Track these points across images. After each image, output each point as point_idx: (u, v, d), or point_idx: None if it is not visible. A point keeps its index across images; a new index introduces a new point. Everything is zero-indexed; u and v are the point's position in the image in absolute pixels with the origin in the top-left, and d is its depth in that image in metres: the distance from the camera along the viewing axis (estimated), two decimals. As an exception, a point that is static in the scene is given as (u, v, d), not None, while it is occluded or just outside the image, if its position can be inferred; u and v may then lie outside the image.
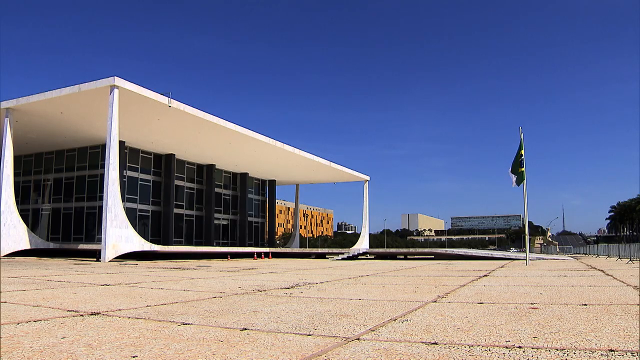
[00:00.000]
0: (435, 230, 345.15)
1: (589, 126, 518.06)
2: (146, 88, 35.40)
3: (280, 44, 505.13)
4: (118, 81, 33.42)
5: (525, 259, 29.28)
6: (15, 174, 41.03)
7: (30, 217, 51.73)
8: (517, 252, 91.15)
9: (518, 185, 26.66)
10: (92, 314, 7.09)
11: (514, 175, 27.00)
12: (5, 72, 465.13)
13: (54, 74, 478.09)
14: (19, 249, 38.57)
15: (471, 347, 4.68)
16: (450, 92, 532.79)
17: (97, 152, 47.90)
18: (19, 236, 38.75)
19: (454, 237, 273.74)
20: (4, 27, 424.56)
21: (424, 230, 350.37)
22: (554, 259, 42.85)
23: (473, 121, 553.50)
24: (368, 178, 71.72)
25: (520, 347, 4.68)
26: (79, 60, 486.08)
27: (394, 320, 6.49)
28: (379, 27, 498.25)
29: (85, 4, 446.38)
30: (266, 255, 49.95)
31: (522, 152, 26.76)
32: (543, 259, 42.13)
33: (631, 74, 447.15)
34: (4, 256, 36.75)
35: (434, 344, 4.87)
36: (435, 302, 8.85)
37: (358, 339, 5.20)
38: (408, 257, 51.54)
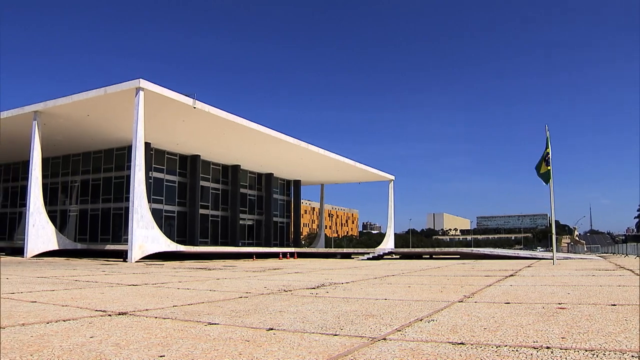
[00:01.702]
0: (460, 230, 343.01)
1: (616, 124, 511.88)
2: (171, 90, 35.59)
3: (301, 44, 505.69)
4: (143, 83, 33.63)
5: (552, 259, 28.98)
6: (44, 176, 41.47)
7: (58, 218, 52.25)
8: (544, 251, 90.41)
9: (546, 184, 26.39)
10: (119, 314, 7.14)
11: (541, 172, 26.74)
12: (32, 76, 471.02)
13: (77, 77, 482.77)
14: (48, 249, 38.99)
15: (498, 348, 4.65)
16: (476, 90, 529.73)
17: (123, 154, 48.24)
18: (47, 237, 39.17)
19: (479, 237, 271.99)
20: (31, 31, 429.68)
21: (450, 229, 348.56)
22: (581, 258, 42.42)
23: (499, 119, 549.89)
24: (393, 178, 71.48)
25: (548, 347, 4.64)
26: (101, 63, 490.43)
27: (420, 320, 6.46)
28: (398, 26, 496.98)
29: (106, 8, 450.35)
30: (291, 255, 49.96)
31: (549, 150, 26.48)
32: (570, 258, 41.72)
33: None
34: (33, 256, 37.19)
35: (460, 344, 4.85)
36: (461, 302, 8.80)
37: (384, 339, 5.19)
38: (433, 256, 51.26)
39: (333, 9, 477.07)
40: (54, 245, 39.53)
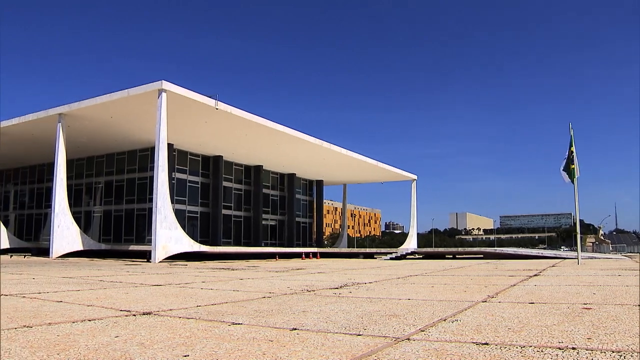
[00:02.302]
0: (483, 229, 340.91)
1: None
2: (193, 91, 35.74)
3: (320, 44, 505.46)
4: (166, 85, 33.81)
5: (577, 258, 28.73)
6: (68, 177, 41.85)
7: (82, 219, 52.72)
8: (568, 251, 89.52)
9: (572, 183, 26.14)
10: (144, 314, 7.19)
11: (565, 173, 26.52)
12: (55, 79, 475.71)
13: (96, 79, 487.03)
14: (72, 250, 39.36)
15: (523, 348, 4.62)
16: (497, 88, 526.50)
17: (146, 155, 48.55)
18: (72, 237, 39.55)
19: (503, 236, 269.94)
20: (52, 35, 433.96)
21: (473, 229, 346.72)
22: (606, 257, 42.03)
23: (521, 118, 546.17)
24: (415, 177, 71.23)
25: (574, 348, 4.60)
26: (120, 65, 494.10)
27: (444, 320, 6.44)
28: (423, 24, 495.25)
29: (126, 11, 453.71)
30: (314, 255, 49.97)
31: (573, 148, 26.25)
32: (595, 258, 41.32)
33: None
34: (58, 257, 37.54)
35: (485, 344, 4.82)
36: (485, 302, 8.76)
37: (408, 339, 5.18)
38: (456, 256, 51.04)
39: (359, 7, 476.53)
40: (78, 246, 39.90)
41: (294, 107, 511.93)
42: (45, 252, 41.52)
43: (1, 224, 47.77)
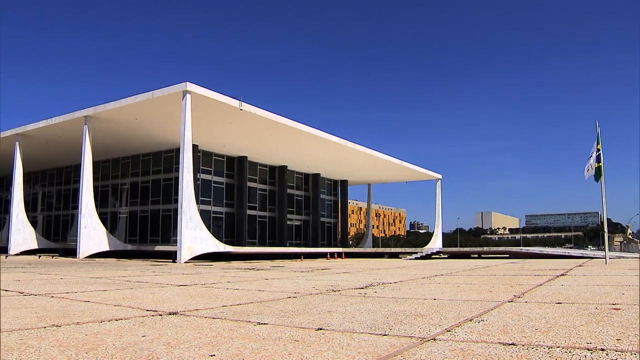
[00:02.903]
0: (509, 229, 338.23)
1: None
2: (217, 92, 35.87)
3: (344, 43, 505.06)
4: (190, 86, 33.98)
5: (605, 258, 28.41)
6: (94, 179, 42.21)
7: (108, 220, 53.17)
8: (596, 250, 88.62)
9: (597, 181, 25.87)
10: (170, 314, 7.24)
11: (587, 169, 26.28)
12: (80, 81, 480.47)
13: (119, 81, 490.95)
14: (99, 250, 39.73)
15: (550, 349, 4.58)
16: (522, 87, 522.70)
17: (171, 156, 48.82)
18: (98, 238, 39.92)
19: (528, 236, 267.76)
20: (77, 38, 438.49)
21: (498, 228, 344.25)
22: (635, 257, 41.55)
23: (547, 116, 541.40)
24: (440, 177, 70.93)
25: (602, 349, 4.54)
26: (143, 67, 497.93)
27: (470, 321, 6.41)
28: (444, 22, 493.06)
29: (147, 13, 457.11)
30: (339, 255, 49.98)
31: (599, 146, 25.98)
32: (623, 257, 40.94)
33: None
34: (85, 257, 37.90)
35: (511, 344, 4.79)
36: (511, 302, 8.70)
37: (434, 339, 5.16)
38: (482, 256, 50.79)
39: (378, 6, 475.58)
40: (105, 247, 40.27)
41: (318, 107, 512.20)
42: (72, 252, 41.94)
43: (30, 225, 48.29)
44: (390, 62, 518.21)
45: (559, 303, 8.32)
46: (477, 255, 51.02)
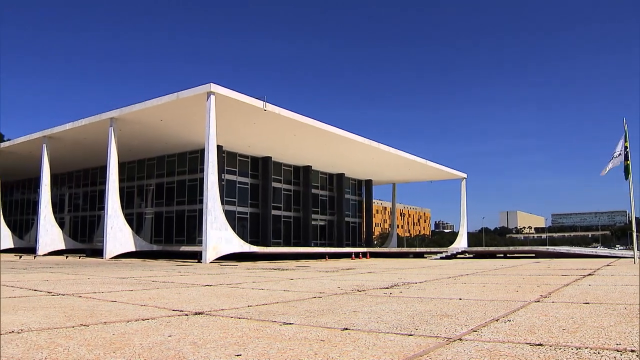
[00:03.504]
0: (535, 228, 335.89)
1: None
2: (241, 93, 35.96)
3: (366, 43, 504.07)
4: (214, 87, 34.09)
5: (633, 257, 28.08)
6: (120, 180, 42.55)
7: (134, 220, 53.53)
8: (624, 249, 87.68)
9: (626, 179, 25.58)
10: (196, 314, 7.28)
11: (610, 164, 25.98)
12: (105, 83, 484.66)
13: (140, 82, 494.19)
14: (125, 251, 40.04)
15: (578, 350, 4.54)
16: (548, 85, 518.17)
17: (196, 157, 49.02)
18: (124, 239, 40.23)
19: (555, 235, 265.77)
20: (101, 40, 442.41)
21: (524, 227, 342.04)
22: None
23: (574, 114, 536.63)
24: (465, 176, 70.54)
25: (632, 350, 4.49)
26: (167, 68, 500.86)
27: (496, 321, 6.37)
28: (469, 21, 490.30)
29: (169, 15, 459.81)
30: (364, 255, 49.91)
31: (627, 144, 25.67)
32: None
33: None
34: (111, 258, 38.22)
35: (539, 345, 4.75)
36: (538, 301, 8.64)
37: (460, 339, 5.14)
38: (508, 255, 50.45)
39: (397, 6, 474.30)
40: (131, 247, 40.58)
41: (341, 106, 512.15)
42: (99, 253, 42.30)
43: (57, 226, 48.79)
44: (413, 61, 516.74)
45: (586, 303, 8.25)
46: (502, 255, 50.65)
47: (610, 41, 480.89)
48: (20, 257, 39.85)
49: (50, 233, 47.22)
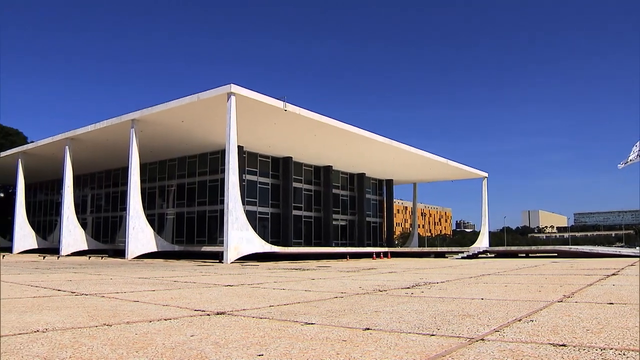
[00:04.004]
0: (557, 227, 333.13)
1: None
2: (261, 93, 36.02)
3: (385, 42, 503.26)
4: (234, 88, 34.18)
5: (658, 256, 27.81)
6: (142, 181, 42.84)
7: (156, 221, 53.82)
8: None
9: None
10: (217, 314, 7.30)
11: (627, 161, 25.78)
12: (125, 84, 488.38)
13: (160, 84, 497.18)
14: (147, 251, 40.29)
15: (603, 350, 4.49)
16: (570, 82, 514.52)
17: (217, 158, 49.17)
18: (146, 239, 40.48)
19: (577, 234, 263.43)
20: (124, 43, 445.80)
21: (546, 227, 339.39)
22: (689, 255, 40.55)
23: (595, 113, 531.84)
24: (486, 175, 70.20)
25: (657, 350, 4.45)
26: (185, 70, 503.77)
27: (519, 321, 6.34)
28: (493, 20, 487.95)
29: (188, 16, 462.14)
30: (385, 255, 49.83)
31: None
32: (677, 255, 39.94)
33: None
34: (133, 258, 38.46)
35: (562, 345, 4.72)
36: (561, 301, 8.58)
37: (482, 339, 5.12)
38: (530, 255, 50.15)
39: (419, 6, 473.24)
40: (152, 247, 40.81)
41: (361, 106, 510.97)
42: (121, 253, 42.61)
43: (80, 226, 49.20)
44: (433, 61, 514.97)
45: (610, 303, 8.18)
46: (524, 255, 50.36)
47: (636, 37, 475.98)
48: (44, 257, 40.27)
49: (73, 234, 47.62)
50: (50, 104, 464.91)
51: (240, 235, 34.94)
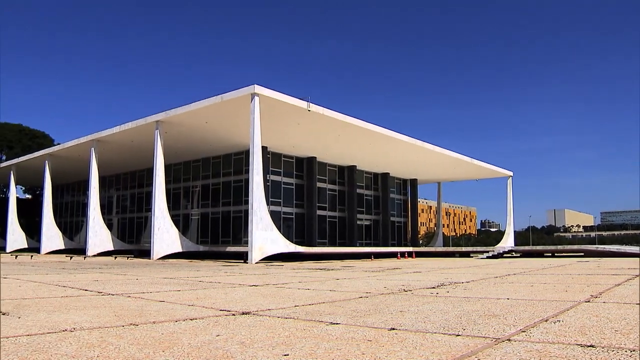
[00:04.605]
0: (583, 226, 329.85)
1: None
2: (284, 94, 36.04)
3: (409, 42, 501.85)
4: (258, 89, 34.23)
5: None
6: (167, 182, 43.10)
7: (181, 222, 54.14)
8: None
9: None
10: (243, 314, 7.33)
11: None
12: (148, 86, 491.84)
13: (182, 85, 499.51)
14: (172, 251, 40.51)
15: (633, 352, 4.44)
16: (594, 81, 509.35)
17: (241, 158, 49.33)
18: (171, 240, 40.71)
19: (604, 233, 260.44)
20: (149, 45, 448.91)
21: (572, 226, 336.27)
22: None
23: (622, 109, 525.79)
24: (511, 174, 69.71)
25: (689, 351, 4.38)
26: (207, 71, 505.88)
27: (546, 321, 6.29)
28: (512, 22, 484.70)
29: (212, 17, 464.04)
30: (409, 254, 49.72)
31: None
32: None
33: None
34: (158, 258, 38.69)
35: (590, 346, 4.67)
36: (588, 302, 8.50)
37: (509, 339, 5.08)
38: (555, 254, 49.73)
39: (440, 5, 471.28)
40: (177, 248, 41.04)
41: (385, 106, 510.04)
42: (146, 253, 42.88)
43: (106, 227, 49.63)
44: (458, 60, 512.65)
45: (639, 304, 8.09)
46: (550, 254, 49.96)
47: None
48: (71, 258, 40.63)
49: (99, 234, 48.07)
50: (76, 106, 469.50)
51: (264, 236, 35.00)
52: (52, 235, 56.35)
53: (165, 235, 40.24)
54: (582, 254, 47.74)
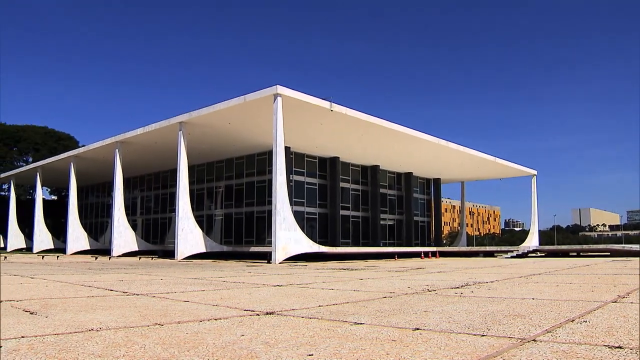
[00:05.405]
0: (609, 225, 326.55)
1: None
2: (307, 94, 36.05)
3: (429, 42, 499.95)
4: (281, 89, 34.27)
5: None
6: (190, 183, 43.34)
7: (204, 222, 54.39)
8: None
9: None
10: (267, 314, 7.35)
11: None
12: (175, 86, 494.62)
13: (204, 87, 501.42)
14: (196, 252, 40.69)
15: (661, 352, 4.39)
16: (622, 78, 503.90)
17: (264, 159, 49.46)
18: (195, 240, 40.90)
19: (630, 232, 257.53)
20: (170, 47, 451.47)
21: (597, 225, 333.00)
22: None
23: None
24: (535, 172, 69.17)
25: None
26: (228, 72, 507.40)
27: (572, 321, 6.23)
28: (540, 19, 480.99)
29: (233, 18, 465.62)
30: (433, 254, 49.56)
31: None
32: None
33: None
34: (182, 259, 38.89)
35: (618, 347, 4.62)
36: (615, 302, 8.41)
37: (534, 340, 5.05)
38: (581, 254, 49.31)
39: (459, 6, 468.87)
40: (201, 248, 41.22)
41: (407, 105, 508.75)
42: (170, 254, 43.12)
43: (130, 228, 50.00)
44: (481, 59, 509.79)
45: (667, 303, 8.00)
46: (575, 254, 49.54)
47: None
48: (96, 258, 41.02)
49: (123, 235, 48.44)
50: (100, 108, 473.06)
51: (288, 236, 35.03)
52: (77, 236, 56.90)
53: (189, 235, 40.45)
54: (608, 253, 47.28)
